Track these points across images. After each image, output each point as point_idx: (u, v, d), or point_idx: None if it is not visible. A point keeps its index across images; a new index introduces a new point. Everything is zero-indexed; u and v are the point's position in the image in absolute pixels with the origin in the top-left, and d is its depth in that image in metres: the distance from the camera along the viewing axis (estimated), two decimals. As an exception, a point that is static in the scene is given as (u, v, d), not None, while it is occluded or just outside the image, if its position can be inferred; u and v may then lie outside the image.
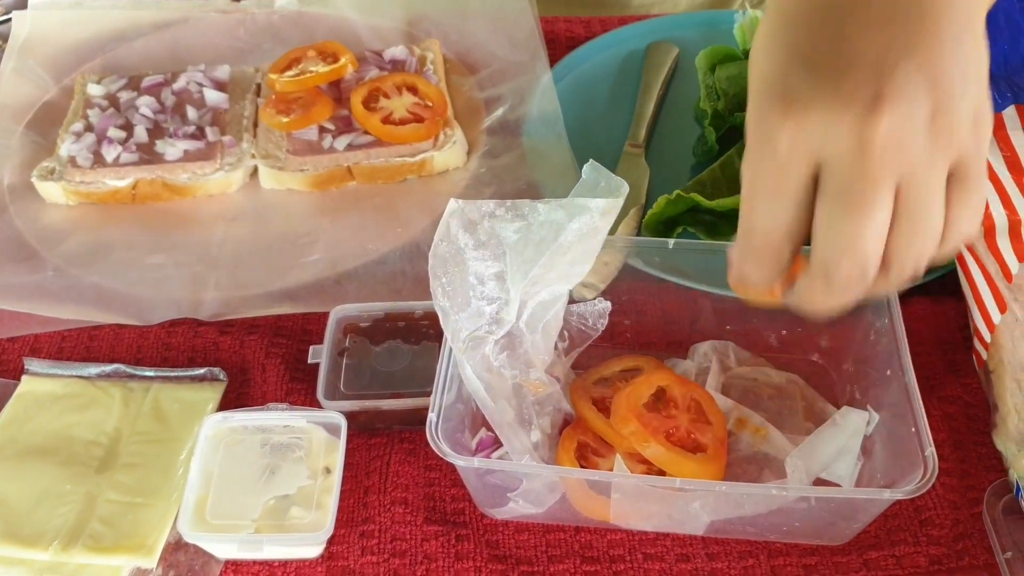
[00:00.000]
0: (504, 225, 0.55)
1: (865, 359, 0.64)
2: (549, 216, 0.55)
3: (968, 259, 0.66)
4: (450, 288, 0.56)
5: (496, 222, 0.55)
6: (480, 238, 0.55)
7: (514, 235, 0.55)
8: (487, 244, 0.55)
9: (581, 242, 0.56)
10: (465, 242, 0.55)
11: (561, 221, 0.55)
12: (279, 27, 0.98)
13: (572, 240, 0.56)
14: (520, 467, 0.58)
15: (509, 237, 0.55)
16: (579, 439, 0.61)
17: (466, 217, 0.55)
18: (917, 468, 0.54)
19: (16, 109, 0.90)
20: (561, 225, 0.55)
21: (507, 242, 0.55)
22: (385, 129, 0.83)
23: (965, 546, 0.60)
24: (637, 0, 1.10)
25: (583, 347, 0.66)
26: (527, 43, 0.93)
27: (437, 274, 0.56)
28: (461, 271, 0.55)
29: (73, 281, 0.76)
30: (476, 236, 0.55)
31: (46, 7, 0.99)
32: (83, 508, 0.62)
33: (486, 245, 0.55)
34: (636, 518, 0.61)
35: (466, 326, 0.56)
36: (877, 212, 0.45)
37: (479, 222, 0.55)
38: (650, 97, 0.91)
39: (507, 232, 0.55)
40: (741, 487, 0.56)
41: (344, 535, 0.62)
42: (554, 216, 0.55)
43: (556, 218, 0.55)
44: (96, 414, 0.67)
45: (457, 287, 0.56)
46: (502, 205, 0.56)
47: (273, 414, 0.63)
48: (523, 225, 0.56)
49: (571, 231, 0.55)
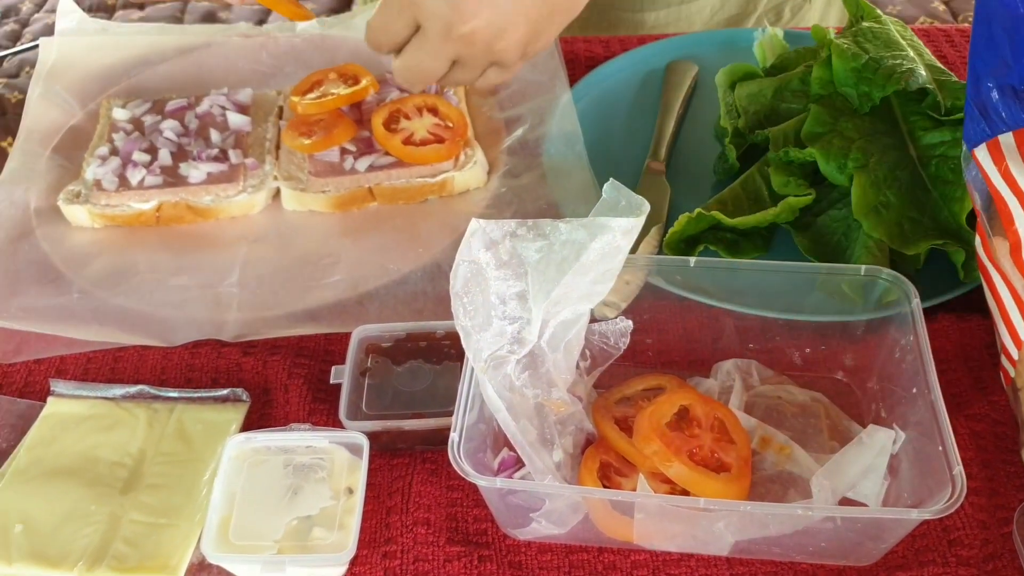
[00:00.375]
0: (526, 244, 0.56)
1: (890, 377, 0.63)
2: (571, 235, 0.55)
3: (994, 276, 0.65)
4: (471, 308, 0.55)
5: (518, 241, 0.56)
6: (502, 257, 0.55)
7: (536, 254, 0.55)
8: (509, 264, 0.55)
9: (603, 261, 0.56)
10: (487, 261, 0.55)
11: (583, 240, 0.55)
12: (301, 50, 0.99)
13: (594, 259, 0.56)
14: (542, 487, 0.57)
15: (531, 256, 0.55)
16: (602, 459, 0.60)
17: (487, 236, 0.56)
18: (945, 487, 0.53)
19: (43, 134, 0.91)
20: (583, 244, 0.55)
21: (529, 261, 0.55)
22: (406, 150, 0.84)
23: (995, 566, 0.59)
24: (652, 20, 1.10)
25: (605, 366, 0.66)
26: (547, 63, 0.93)
27: (459, 294, 0.56)
28: (483, 291, 0.55)
29: (98, 303, 0.77)
30: (498, 255, 0.55)
31: (72, 34, 1.00)
32: (108, 529, 0.62)
33: (508, 265, 0.55)
34: (660, 539, 0.60)
35: (488, 346, 0.56)
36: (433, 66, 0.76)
37: (500, 241, 0.55)
38: (670, 116, 0.91)
39: (529, 251, 0.55)
40: (766, 507, 0.55)
41: (366, 556, 0.62)
42: (576, 235, 0.55)
43: (578, 237, 0.55)
44: (121, 435, 0.68)
45: (479, 307, 0.56)
46: (523, 224, 0.56)
47: (295, 435, 0.64)
48: (544, 244, 0.56)
49: (593, 250, 0.55)
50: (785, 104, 0.84)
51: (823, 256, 0.75)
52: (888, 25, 0.83)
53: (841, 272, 0.68)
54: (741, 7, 1.12)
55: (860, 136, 0.76)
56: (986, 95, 0.61)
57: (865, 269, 0.65)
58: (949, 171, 0.74)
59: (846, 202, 0.75)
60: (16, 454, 0.67)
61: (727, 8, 1.11)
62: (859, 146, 0.76)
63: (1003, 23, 0.60)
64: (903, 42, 0.82)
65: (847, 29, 0.85)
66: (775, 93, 0.85)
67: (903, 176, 0.75)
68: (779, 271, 0.68)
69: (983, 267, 0.66)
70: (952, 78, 0.79)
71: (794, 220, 0.77)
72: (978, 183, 0.63)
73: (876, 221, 0.72)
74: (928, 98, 0.77)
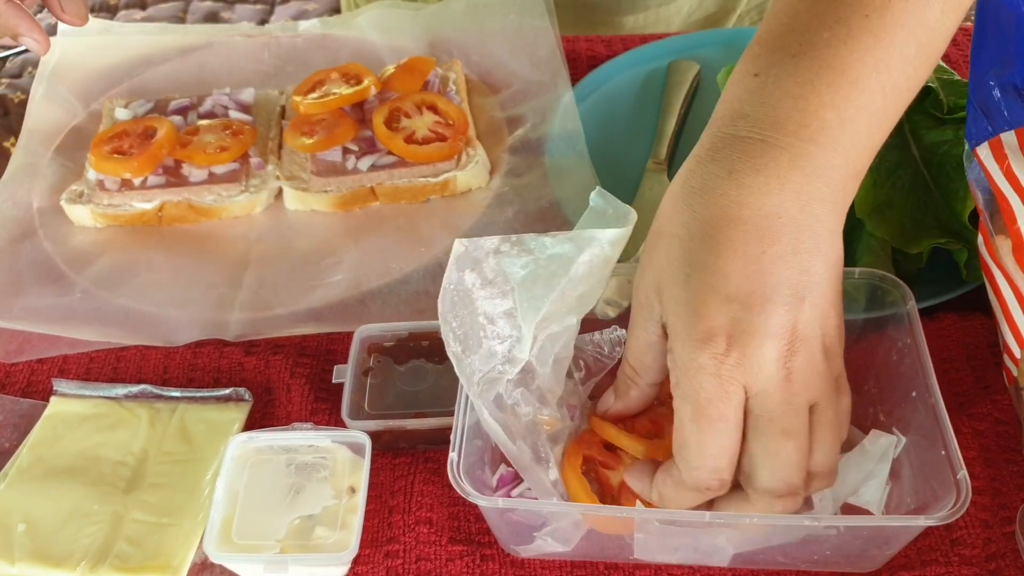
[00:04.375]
0: (511, 260, 0.54)
1: (888, 380, 0.63)
2: (557, 249, 0.54)
3: (997, 275, 0.65)
4: (460, 332, 0.54)
5: (502, 258, 0.54)
6: (487, 276, 0.54)
7: (521, 271, 0.54)
8: (494, 282, 0.54)
9: (591, 274, 0.55)
10: (472, 282, 0.54)
11: (570, 254, 0.54)
12: (303, 50, 0.99)
13: (583, 273, 0.54)
14: (543, 505, 0.57)
15: (516, 273, 0.54)
16: (584, 453, 0.60)
17: (471, 256, 0.54)
18: (949, 491, 0.53)
19: (46, 134, 0.91)
20: (571, 259, 0.54)
21: (515, 278, 0.54)
22: (409, 149, 0.84)
23: (998, 566, 0.59)
24: (631, 23, 1.10)
25: (600, 376, 0.65)
26: (548, 63, 0.93)
27: (447, 319, 0.54)
28: (470, 312, 0.54)
29: (101, 303, 0.77)
30: (483, 274, 0.54)
31: (75, 34, 1.00)
32: (110, 528, 0.62)
33: (493, 283, 0.54)
34: (662, 552, 0.60)
35: (479, 368, 0.55)
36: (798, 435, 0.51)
37: (484, 260, 0.54)
38: (672, 115, 0.91)
39: (514, 268, 0.54)
40: (769, 519, 0.54)
41: (369, 555, 0.62)
42: (562, 249, 0.54)
43: (565, 251, 0.54)
44: (123, 434, 0.68)
45: (468, 329, 0.54)
46: (507, 240, 0.54)
47: (298, 434, 0.64)
48: (530, 260, 0.54)
49: (581, 264, 0.54)
50: (787, 103, 0.84)
51: (825, 255, 0.75)
52: (890, 24, 0.83)
53: None
54: (719, 6, 1.11)
55: (862, 135, 0.76)
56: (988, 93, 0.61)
57: (859, 272, 0.65)
58: (951, 170, 0.74)
59: (848, 201, 0.75)
60: (19, 454, 0.67)
61: (704, 7, 1.11)
62: (861, 145, 0.75)
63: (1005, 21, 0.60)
64: (905, 41, 0.81)
65: (849, 28, 0.84)
66: (777, 92, 0.84)
67: (905, 175, 0.75)
68: None
69: (985, 266, 0.66)
70: (954, 77, 0.79)
71: (796, 219, 0.77)
72: (980, 182, 0.63)
73: (879, 220, 0.72)
74: (930, 97, 0.77)
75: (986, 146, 0.62)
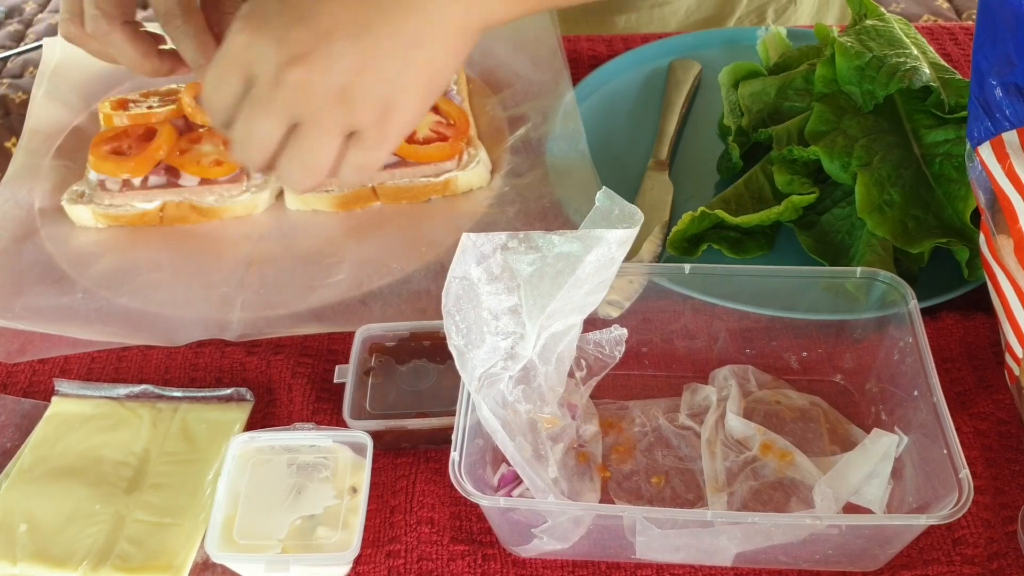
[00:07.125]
0: (518, 257, 0.54)
1: (890, 379, 0.63)
2: (565, 248, 0.54)
3: (998, 274, 0.65)
4: (464, 326, 0.54)
5: (509, 254, 0.54)
6: (493, 271, 0.54)
7: (528, 268, 0.54)
8: (500, 277, 0.54)
9: (597, 273, 0.55)
10: (478, 276, 0.54)
11: (578, 253, 0.54)
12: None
13: (589, 272, 0.54)
14: (544, 504, 0.57)
15: (523, 270, 0.54)
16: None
17: (478, 251, 0.54)
18: (951, 490, 0.53)
19: (47, 134, 0.91)
20: (578, 258, 0.54)
21: (521, 275, 0.54)
22: (410, 148, 0.84)
23: (1000, 565, 0.59)
24: (623, 23, 1.09)
25: (601, 375, 0.65)
26: (550, 62, 0.93)
27: (451, 312, 0.54)
28: (475, 307, 0.54)
29: (102, 303, 0.77)
30: (489, 269, 0.54)
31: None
32: (112, 528, 0.62)
33: (499, 279, 0.54)
34: (664, 552, 0.60)
35: (481, 363, 0.55)
36: (265, 129, 0.59)
37: (491, 255, 0.54)
38: (673, 114, 0.91)
39: (521, 265, 0.54)
40: (771, 518, 0.54)
41: (371, 555, 0.62)
42: (570, 248, 0.54)
43: (572, 250, 0.54)
44: (125, 435, 0.68)
45: (471, 324, 0.54)
46: (515, 237, 0.54)
47: (299, 434, 0.64)
48: (538, 257, 0.54)
49: (588, 263, 0.54)
50: (788, 103, 0.84)
51: (827, 255, 0.75)
52: (892, 23, 0.83)
53: (837, 275, 0.67)
54: (718, 8, 1.11)
55: (864, 134, 0.76)
56: (990, 93, 0.61)
57: (861, 271, 0.65)
58: (953, 169, 0.74)
59: (850, 200, 0.75)
60: (20, 454, 0.67)
61: (703, 9, 1.10)
62: (863, 144, 0.75)
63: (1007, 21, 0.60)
64: (907, 40, 0.81)
65: (850, 27, 0.85)
66: (778, 92, 0.85)
67: (907, 174, 0.75)
68: (775, 275, 0.68)
69: (987, 265, 0.65)
70: (956, 76, 0.79)
71: (798, 219, 0.77)
72: (982, 181, 0.63)
73: (880, 219, 0.72)
74: (932, 96, 0.77)
75: (988, 145, 0.62)
